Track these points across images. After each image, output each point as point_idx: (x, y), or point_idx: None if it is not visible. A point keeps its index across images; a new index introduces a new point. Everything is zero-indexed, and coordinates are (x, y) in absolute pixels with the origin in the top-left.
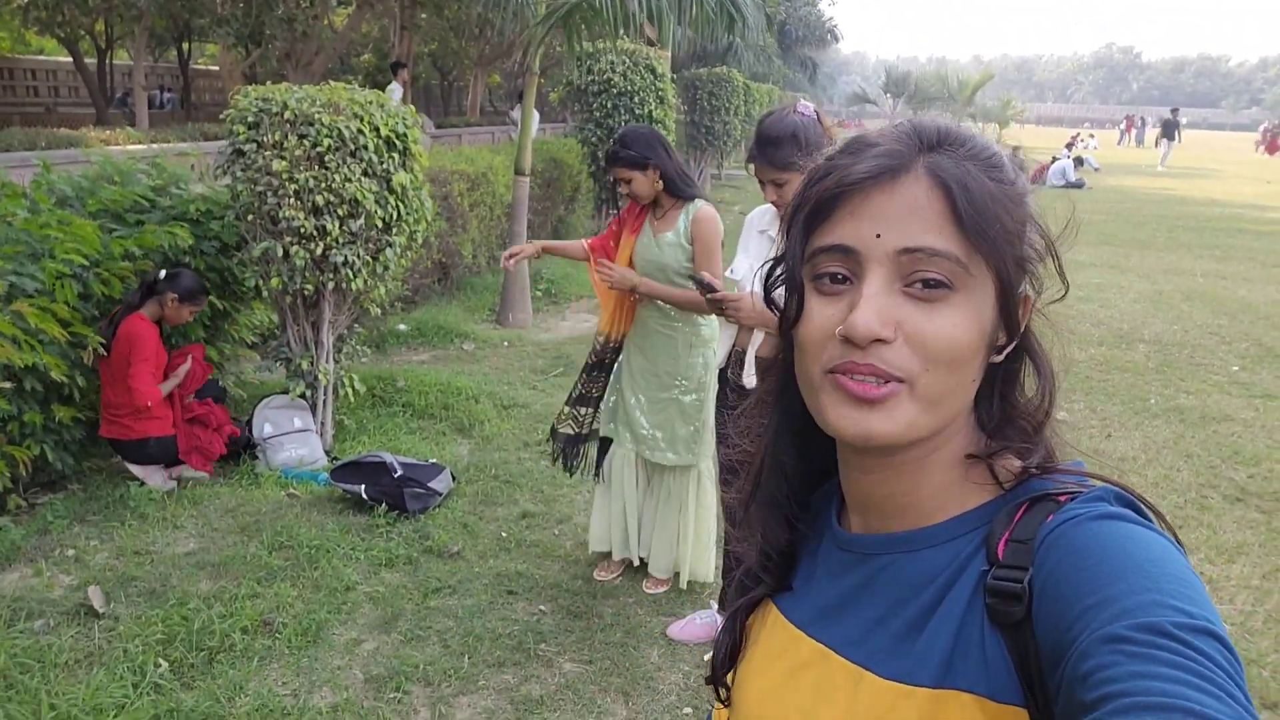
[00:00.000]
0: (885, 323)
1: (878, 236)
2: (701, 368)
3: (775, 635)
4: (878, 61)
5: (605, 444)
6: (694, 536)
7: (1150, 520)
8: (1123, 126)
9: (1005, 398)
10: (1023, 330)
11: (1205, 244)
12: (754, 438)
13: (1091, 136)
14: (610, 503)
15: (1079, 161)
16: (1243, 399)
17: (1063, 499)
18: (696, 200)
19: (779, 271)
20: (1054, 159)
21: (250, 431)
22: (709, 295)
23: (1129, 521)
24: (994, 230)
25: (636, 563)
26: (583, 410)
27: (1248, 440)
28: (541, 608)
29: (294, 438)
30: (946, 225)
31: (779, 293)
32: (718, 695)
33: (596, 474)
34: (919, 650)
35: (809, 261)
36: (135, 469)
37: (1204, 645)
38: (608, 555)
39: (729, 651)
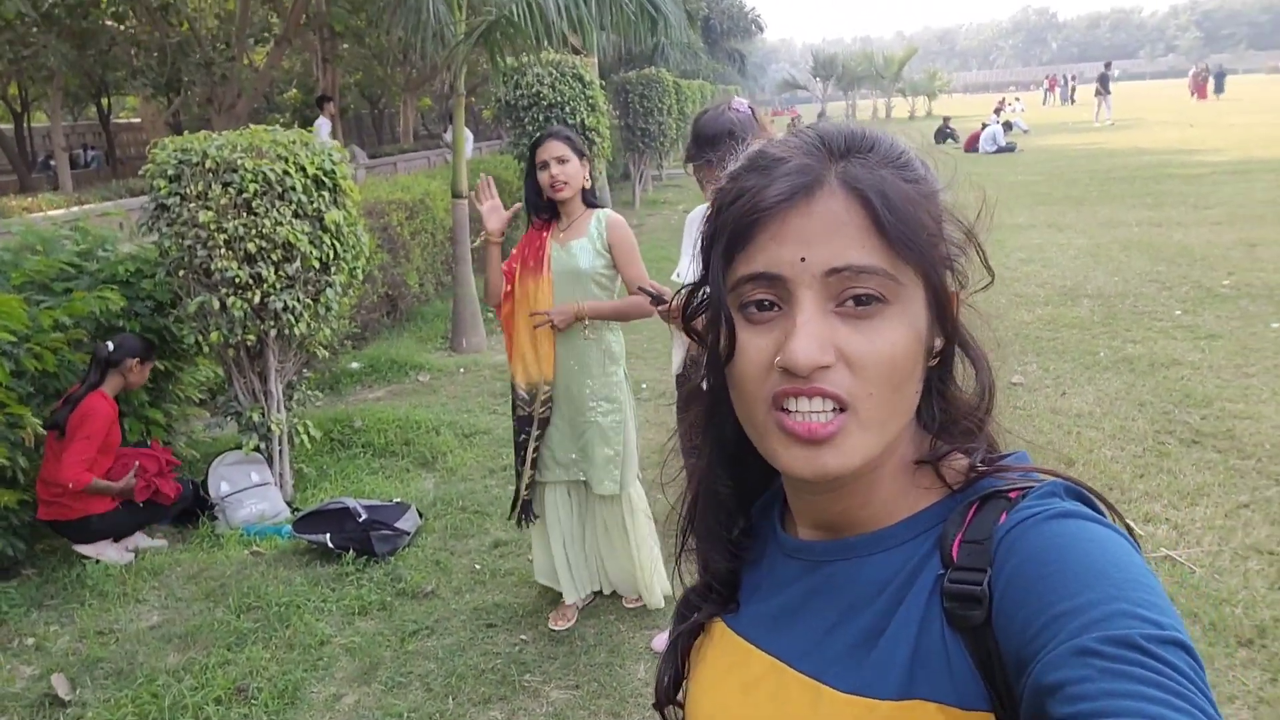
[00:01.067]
0: (824, 349)
1: (802, 260)
2: (616, 385)
3: (724, 649)
4: (804, 47)
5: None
6: (644, 560)
7: (1102, 513)
8: (1045, 86)
9: (943, 395)
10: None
11: (1137, 193)
12: (686, 467)
13: (1017, 100)
14: (550, 541)
15: (1008, 126)
16: (1188, 342)
17: (1013, 495)
18: (603, 209)
19: (699, 298)
20: (983, 125)
21: (206, 492)
22: (659, 307)
23: (1085, 519)
24: (918, 236)
25: (588, 597)
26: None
27: (1197, 382)
28: (523, 637)
29: (253, 493)
30: (869, 238)
31: (699, 320)
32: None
33: (523, 516)
34: (876, 660)
35: (733, 291)
36: (84, 549)
37: (1173, 658)
38: (558, 599)
39: (673, 680)
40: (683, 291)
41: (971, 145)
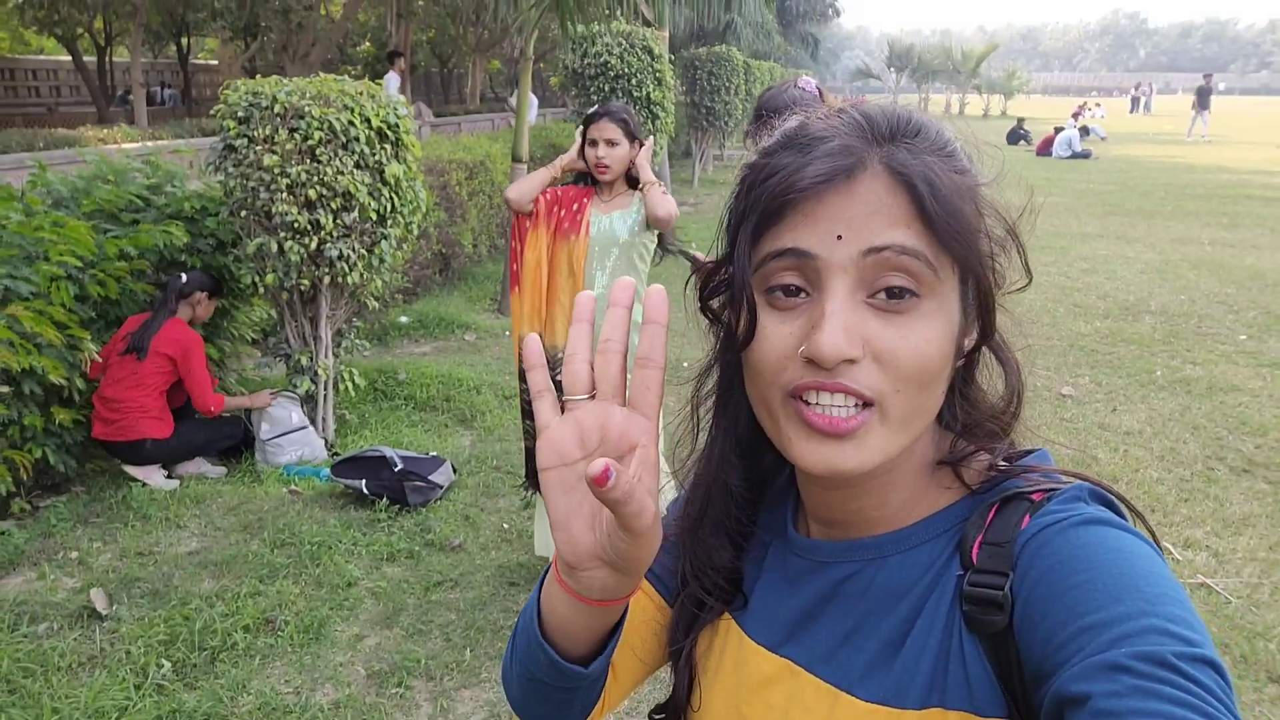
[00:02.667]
0: (853, 341)
1: (839, 238)
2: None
3: (733, 649)
4: (880, 35)
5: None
6: None
7: (1125, 517)
8: (1132, 95)
9: (965, 395)
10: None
11: (1213, 211)
12: (697, 458)
13: (1098, 105)
14: None
15: (1085, 131)
16: (1250, 368)
17: (1036, 497)
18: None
19: (719, 277)
20: (1057, 130)
21: (250, 426)
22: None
23: (1113, 526)
24: (963, 227)
25: None
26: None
27: (1255, 410)
28: None
29: (294, 437)
30: (913, 223)
31: (716, 301)
32: None
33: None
34: (900, 670)
35: (758, 271)
36: (133, 470)
37: (1204, 677)
38: None
39: (687, 683)
40: (700, 269)
41: (1045, 149)
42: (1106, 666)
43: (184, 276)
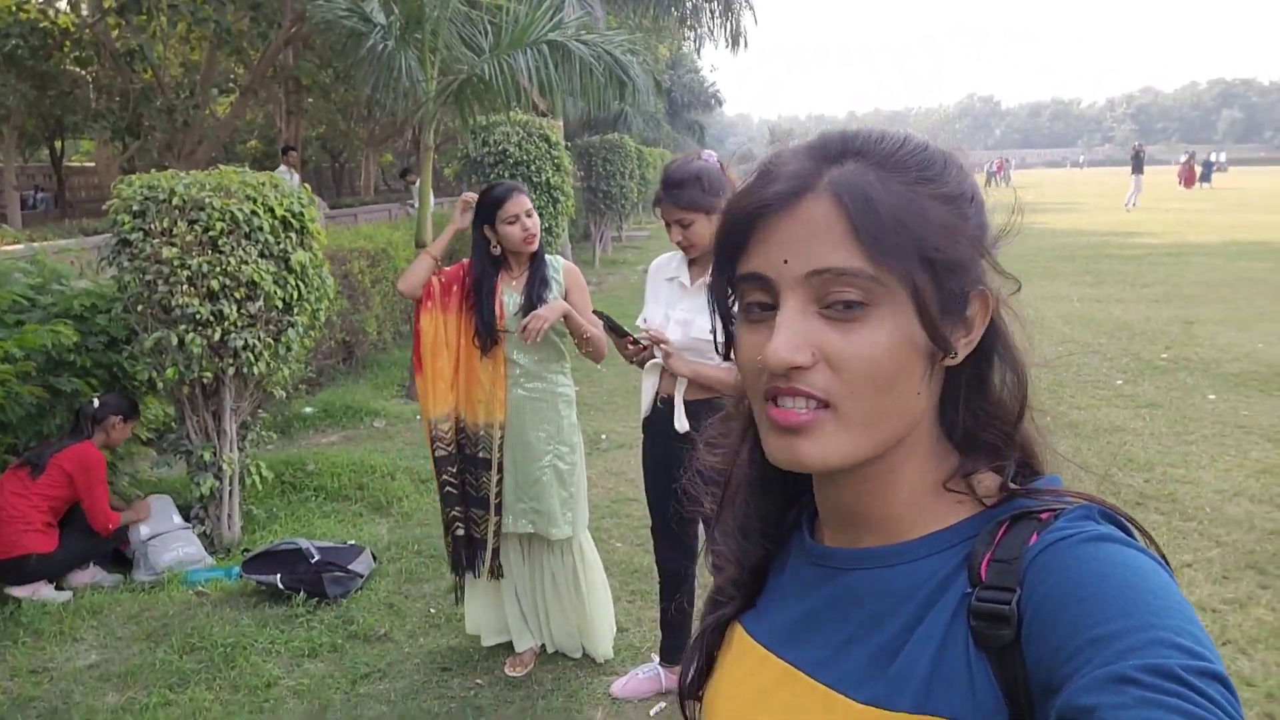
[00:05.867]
0: (799, 349)
1: (785, 262)
2: (573, 429)
3: (741, 654)
4: (760, 121)
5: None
6: (595, 609)
7: (1135, 538)
8: (992, 169)
9: (971, 404)
10: (985, 329)
11: (1078, 270)
12: (724, 451)
13: None
14: (500, 588)
15: None
16: (1130, 410)
17: (1045, 516)
18: (552, 255)
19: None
20: None
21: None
22: (626, 341)
23: (1121, 544)
24: (901, 240)
25: (550, 648)
26: (468, 511)
27: (1139, 448)
28: (478, 681)
29: (177, 535)
30: (849, 242)
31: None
32: (685, 715)
33: (476, 572)
34: (895, 673)
35: (736, 290)
36: (18, 591)
37: (1210, 689)
38: (509, 647)
39: (700, 671)
40: (646, 331)
41: None
42: (1114, 678)
43: (95, 401)
